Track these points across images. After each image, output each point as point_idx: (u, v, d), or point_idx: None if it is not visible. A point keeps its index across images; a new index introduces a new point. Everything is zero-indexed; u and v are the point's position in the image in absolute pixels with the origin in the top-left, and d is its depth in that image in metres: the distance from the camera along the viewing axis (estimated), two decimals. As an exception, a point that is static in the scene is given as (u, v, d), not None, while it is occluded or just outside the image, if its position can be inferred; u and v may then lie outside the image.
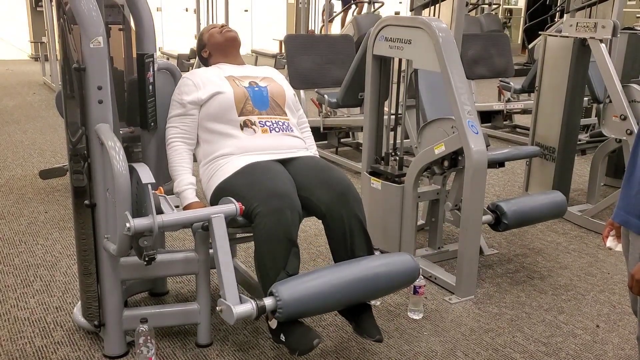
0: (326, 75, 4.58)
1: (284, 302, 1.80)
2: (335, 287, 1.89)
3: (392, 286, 2.05)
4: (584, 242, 3.27)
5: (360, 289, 1.94)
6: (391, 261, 2.04)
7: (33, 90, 7.70)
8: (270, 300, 1.82)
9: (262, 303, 1.81)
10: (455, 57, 2.51)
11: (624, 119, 3.16)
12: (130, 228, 1.76)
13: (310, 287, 1.86)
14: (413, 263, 2.06)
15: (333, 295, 1.88)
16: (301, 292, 1.84)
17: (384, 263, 2.02)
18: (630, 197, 1.47)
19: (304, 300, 1.84)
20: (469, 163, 2.45)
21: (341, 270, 1.95)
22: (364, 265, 1.99)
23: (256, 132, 2.21)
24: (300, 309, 1.84)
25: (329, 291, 1.87)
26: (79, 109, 1.88)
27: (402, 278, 2.04)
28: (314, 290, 1.86)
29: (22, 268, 2.75)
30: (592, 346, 2.26)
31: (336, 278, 1.91)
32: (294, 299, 1.81)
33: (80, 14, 1.79)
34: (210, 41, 2.42)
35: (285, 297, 1.80)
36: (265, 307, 1.81)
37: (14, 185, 3.91)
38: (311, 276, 1.91)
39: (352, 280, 1.92)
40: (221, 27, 2.45)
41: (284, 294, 1.81)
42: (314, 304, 1.86)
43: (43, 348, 2.13)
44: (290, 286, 1.84)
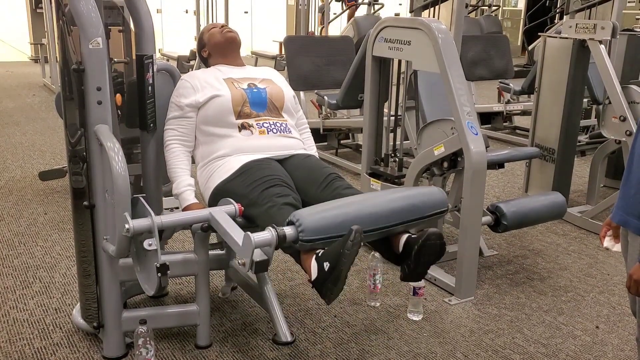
0: (326, 76, 4.59)
1: (304, 224, 1.68)
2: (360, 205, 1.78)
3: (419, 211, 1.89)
4: (584, 244, 3.26)
5: (385, 210, 1.81)
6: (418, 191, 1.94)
7: (33, 92, 7.70)
8: (290, 228, 1.70)
9: (282, 230, 1.69)
10: (455, 58, 2.51)
11: (624, 120, 3.17)
12: (130, 229, 1.76)
13: (331, 206, 1.76)
14: (440, 195, 1.95)
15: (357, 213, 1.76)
16: (322, 212, 1.73)
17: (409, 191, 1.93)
18: (628, 197, 1.47)
19: (326, 220, 1.71)
20: (468, 164, 2.45)
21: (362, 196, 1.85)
22: (388, 191, 1.91)
23: (253, 134, 2.21)
24: (323, 231, 1.70)
25: (352, 209, 1.76)
26: (78, 110, 1.88)
27: (430, 206, 1.91)
28: (337, 213, 1.74)
29: (22, 269, 2.74)
30: (591, 347, 2.26)
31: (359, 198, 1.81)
32: (314, 219, 1.70)
33: (80, 15, 1.79)
34: (210, 41, 2.42)
35: (306, 219, 1.69)
36: (285, 234, 1.69)
37: (14, 187, 3.91)
38: (331, 204, 1.81)
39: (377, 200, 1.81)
40: (221, 27, 2.44)
41: (304, 217, 1.70)
42: (338, 221, 1.72)
43: (42, 350, 2.13)
44: (311, 212, 1.74)
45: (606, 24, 3.22)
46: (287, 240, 1.69)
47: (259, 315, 2.39)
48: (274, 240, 1.68)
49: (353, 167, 4.45)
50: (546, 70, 3.56)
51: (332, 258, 1.66)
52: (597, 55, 3.24)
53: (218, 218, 1.88)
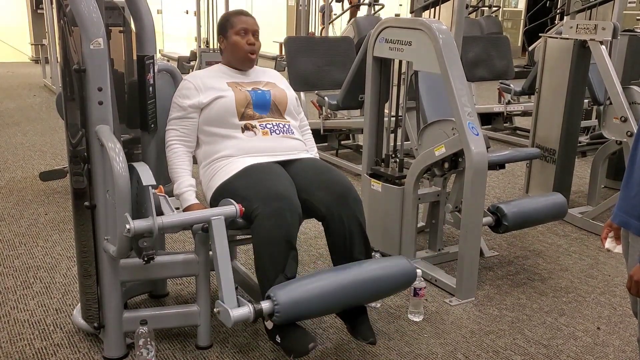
0: (326, 77, 4.59)
1: (281, 305, 1.81)
2: (332, 291, 1.90)
3: (388, 289, 2.08)
4: (585, 244, 3.26)
5: (356, 293, 1.95)
6: (388, 265, 2.06)
7: (33, 92, 7.70)
8: (267, 304, 1.83)
9: (259, 306, 1.82)
10: (456, 58, 2.51)
11: (625, 121, 3.16)
12: (130, 229, 1.76)
13: (307, 291, 1.87)
14: (410, 266, 2.07)
15: (329, 299, 1.90)
16: (298, 296, 1.85)
17: (380, 267, 2.04)
18: (629, 199, 1.46)
19: (301, 304, 1.85)
20: (469, 165, 2.45)
21: (338, 275, 1.96)
22: (361, 269, 2.01)
23: (257, 135, 2.21)
24: (297, 313, 1.85)
25: (325, 295, 1.89)
26: (79, 111, 1.88)
27: (399, 281, 2.06)
28: (311, 294, 1.87)
29: (22, 270, 2.74)
30: (593, 348, 2.26)
31: (333, 282, 1.92)
32: (290, 302, 1.82)
33: (81, 15, 1.79)
34: (232, 43, 2.30)
35: (282, 300, 1.81)
36: (262, 310, 1.82)
37: (14, 187, 3.91)
38: (308, 280, 1.92)
39: (348, 284, 1.93)
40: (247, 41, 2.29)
41: (281, 297, 1.82)
42: (311, 308, 1.88)
43: (43, 350, 2.12)
44: (288, 290, 1.85)
45: (607, 25, 3.22)
46: (263, 315, 1.83)
47: (260, 316, 2.39)
48: (252, 317, 1.82)
49: (353, 168, 4.45)
50: (547, 71, 3.56)
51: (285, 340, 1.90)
52: (597, 56, 3.24)
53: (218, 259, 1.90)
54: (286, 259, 1.97)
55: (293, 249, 1.99)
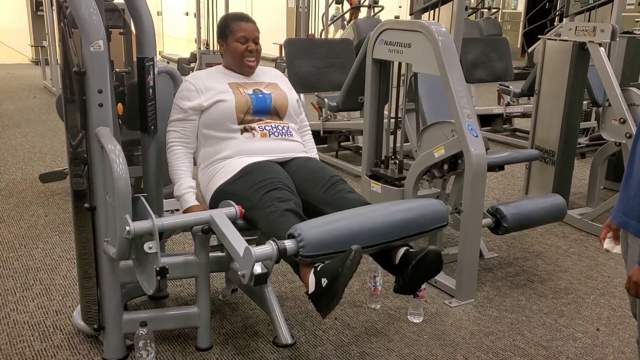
0: (326, 79, 4.59)
1: (305, 238, 1.69)
2: (360, 219, 1.78)
3: (419, 225, 1.90)
4: (584, 246, 3.26)
5: (387, 222, 1.82)
6: (418, 203, 1.95)
7: (33, 94, 7.71)
8: (290, 242, 1.71)
9: (282, 244, 1.70)
10: (455, 60, 2.51)
11: (623, 123, 3.17)
12: (130, 231, 1.76)
13: (332, 219, 1.77)
14: (441, 206, 1.96)
15: (358, 227, 1.77)
16: (322, 226, 1.74)
17: (410, 204, 1.94)
18: (628, 200, 1.47)
19: (327, 232, 1.72)
20: (468, 166, 2.45)
21: (365, 210, 1.86)
22: (391, 205, 1.91)
23: (255, 136, 2.22)
24: (323, 246, 1.72)
25: (353, 223, 1.77)
26: (79, 113, 1.89)
27: (430, 219, 1.93)
28: (337, 221, 1.76)
29: (22, 271, 2.75)
30: (592, 350, 2.26)
31: (360, 212, 1.82)
32: (315, 233, 1.71)
33: (81, 17, 1.80)
34: (232, 49, 2.28)
35: (306, 233, 1.70)
36: (286, 248, 1.70)
37: (14, 189, 3.91)
38: (332, 217, 1.82)
39: (378, 214, 1.82)
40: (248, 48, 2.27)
41: (304, 231, 1.71)
42: (338, 236, 1.73)
43: (42, 352, 2.13)
44: (311, 225, 1.75)
45: (606, 27, 3.22)
46: (287, 254, 1.71)
47: (260, 318, 2.39)
48: (275, 254, 1.69)
49: (353, 169, 4.45)
50: (546, 72, 3.56)
51: (330, 274, 1.67)
52: (596, 58, 3.25)
53: (220, 225, 1.88)
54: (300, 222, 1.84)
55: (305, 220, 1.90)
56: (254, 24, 2.33)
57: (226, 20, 2.34)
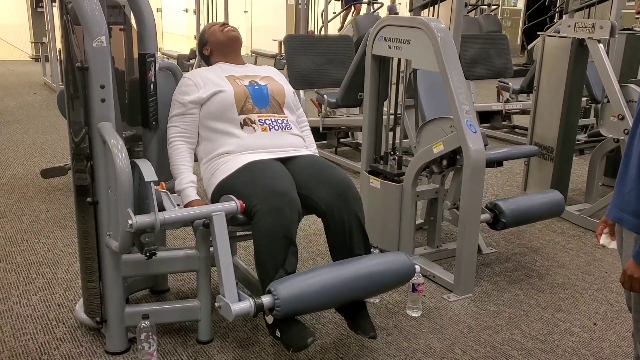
0: (325, 75, 4.60)
1: (281, 300, 1.83)
2: (332, 286, 1.92)
3: (387, 285, 2.09)
4: (582, 241, 3.29)
5: (356, 288, 1.97)
6: (387, 260, 2.08)
7: (34, 90, 7.72)
8: (268, 298, 1.85)
9: (260, 301, 1.84)
10: (454, 57, 2.53)
11: (622, 119, 3.19)
12: (133, 225, 1.78)
13: (308, 286, 1.89)
14: (408, 262, 2.10)
15: (329, 294, 1.92)
16: (298, 291, 1.87)
17: (380, 262, 2.06)
18: (624, 195, 1.49)
19: (301, 298, 1.87)
20: (467, 162, 2.47)
21: (337, 270, 1.98)
22: (361, 264, 2.03)
23: (256, 131, 2.24)
24: (297, 307, 1.87)
25: (325, 290, 1.91)
26: (82, 108, 1.90)
27: (398, 277, 2.08)
28: (311, 289, 1.89)
29: (25, 266, 2.77)
30: (589, 343, 2.28)
31: (333, 277, 1.94)
32: (291, 297, 1.85)
33: (83, 13, 1.82)
34: (212, 39, 2.44)
35: (283, 295, 1.84)
36: (263, 305, 1.84)
37: (16, 184, 3.93)
38: (308, 275, 1.94)
39: (348, 279, 1.96)
40: (222, 25, 2.47)
41: (281, 292, 1.84)
42: (311, 303, 1.90)
43: (45, 344, 2.15)
44: (288, 285, 1.87)
45: (605, 23, 3.24)
46: (263, 309, 1.85)
47: (260, 311, 2.41)
48: (252, 311, 1.84)
49: (352, 166, 4.47)
50: (545, 69, 3.58)
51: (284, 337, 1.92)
52: (595, 55, 3.27)
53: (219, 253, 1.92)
54: (286, 254, 1.99)
55: (293, 245, 2.01)
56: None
57: (202, 32, 2.53)
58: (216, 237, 1.91)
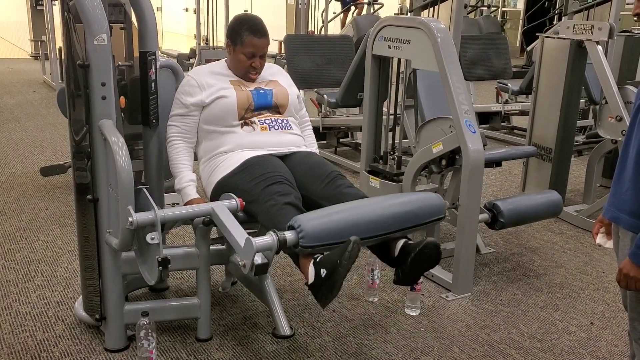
0: (325, 75, 4.61)
1: (305, 230, 1.73)
2: (359, 212, 1.81)
3: (417, 217, 1.93)
4: (580, 242, 3.30)
5: (385, 215, 1.85)
6: (417, 197, 1.98)
7: (33, 88, 7.71)
8: (290, 233, 1.75)
9: (282, 235, 1.73)
10: (454, 57, 2.54)
11: (620, 120, 3.20)
12: (133, 222, 1.79)
13: (332, 212, 1.80)
14: (438, 198, 1.99)
15: (357, 220, 1.80)
16: (322, 218, 1.77)
17: (409, 197, 1.97)
18: (620, 194, 1.50)
19: (326, 224, 1.75)
20: (466, 162, 2.48)
21: (363, 201, 1.89)
22: (388, 196, 1.94)
23: (255, 130, 2.24)
24: (323, 237, 1.75)
25: (352, 216, 1.81)
26: (84, 106, 1.91)
27: (428, 212, 1.95)
28: (336, 213, 1.80)
29: (24, 263, 2.77)
30: (586, 343, 2.29)
31: (359, 204, 1.85)
32: (315, 224, 1.75)
33: (85, 11, 1.82)
34: (237, 59, 2.28)
35: (306, 225, 1.74)
36: (286, 239, 1.73)
37: (15, 182, 3.93)
38: (331, 209, 1.85)
39: (377, 207, 1.85)
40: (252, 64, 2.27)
41: (304, 222, 1.74)
42: (338, 228, 1.77)
43: (44, 341, 2.16)
44: (311, 217, 1.79)
45: (603, 25, 3.25)
46: (287, 244, 1.74)
47: (259, 310, 2.42)
48: (275, 245, 1.73)
49: (352, 165, 4.48)
50: (544, 70, 3.59)
51: (329, 266, 1.71)
52: (594, 56, 3.28)
53: (221, 216, 1.90)
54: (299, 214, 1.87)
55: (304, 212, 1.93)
56: (266, 39, 2.27)
57: (240, 26, 2.26)
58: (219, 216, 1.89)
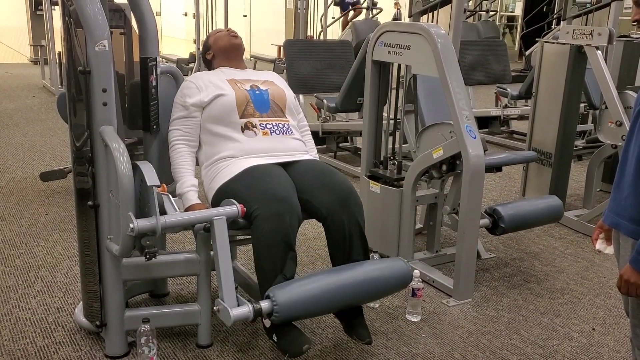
0: (325, 80, 4.61)
1: (280, 305, 1.85)
2: (330, 292, 1.94)
3: (385, 290, 2.11)
4: (580, 247, 3.30)
5: (353, 293, 1.99)
6: (385, 266, 2.09)
7: (32, 93, 7.71)
8: (266, 304, 1.86)
9: (258, 306, 1.86)
10: (454, 62, 2.54)
11: (620, 125, 3.20)
12: (134, 229, 1.79)
13: (306, 292, 1.91)
14: (406, 268, 2.11)
15: (327, 300, 1.94)
16: (296, 296, 1.89)
17: (377, 268, 2.08)
18: (620, 200, 1.49)
19: (299, 304, 1.89)
20: (466, 167, 2.48)
21: (335, 276, 2.00)
22: (358, 270, 2.05)
23: (257, 135, 2.25)
24: (295, 313, 1.89)
25: (323, 295, 1.93)
26: (85, 112, 1.91)
27: (395, 283, 2.10)
28: (309, 294, 1.91)
29: (23, 269, 2.76)
30: (588, 349, 2.29)
31: (330, 283, 1.96)
32: (289, 302, 1.86)
33: (86, 17, 1.82)
34: (216, 44, 2.45)
35: (281, 300, 1.85)
36: (261, 310, 1.86)
37: (15, 187, 3.93)
38: (306, 281, 1.96)
39: (346, 285, 1.97)
40: (227, 31, 2.50)
41: (280, 297, 1.86)
42: (309, 308, 1.93)
43: (44, 348, 2.15)
44: (286, 290, 1.89)
45: (603, 30, 3.26)
46: (262, 314, 1.87)
47: (259, 316, 2.42)
48: (251, 316, 1.86)
49: (352, 170, 4.48)
50: (543, 75, 3.60)
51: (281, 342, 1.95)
52: (593, 61, 3.29)
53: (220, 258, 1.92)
54: (285, 260, 2.00)
55: (292, 250, 2.02)
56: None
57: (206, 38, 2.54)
58: (216, 242, 1.91)
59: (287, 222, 1.99)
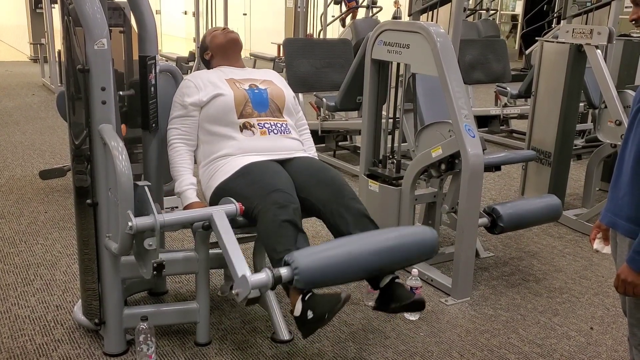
0: (324, 78, 4.62)
1: (300, 269, 1.73)
2: (353, 254, 1.82)
3: (410, 256, 1.98)
4: (579, 246, 3.30)
5: (378, 257, 1.87)
6: (410, 231, 2.01)
7: (32, 91, 7.71)
8: (285, 269, 1.75)
9: (277, 272, 1.74)
10: (453, 61, 2.54)
11: (619, 125, 3.20)
12: (133, 227, 1.79)
13: (327, 252, 1.80)
14: (432, 234, 2.01)
15: (350, 263, 1.81)
16: (317, 258, 1.77)
17: (402, 233, 1.99)
18: (617, 199, 1.50)
19: (321, 266, 1.76)
20: (465, 166, 2.48)
21: (358, 239, 1.90)
22: (382, 234, 1.96)
23: (255, 134, 2.25)
24: (317, 276, 1.76)
25: (346, 258, 1.81)
26: (84, 110, 1.91)
27: (421, 249, 1.99)
28: (331, 255, 1.80)
29: (23, 267, 2.77)
30: (586, 348, 2.29)
31: (353, 245, 1.86)
32: (310, 264, 1.75)
33: (85, 16, 1.82)
34: (213, 43, 2.46)
35: (302, 264, 1.73)
36: (281, 276, 1.74)
37: (14, 186, 3.93)
38: (327, 245, 1.86)
39: (370, 249, 1.86)
40: (223, 29, 2.49)
41: (300, 261, 1.74)
42: (332, 270, 1.79)
43: (43, 346, 2.15)
44: (306, 253, 1.79)
45: (602, 29, 3.26)
46: (282, 281, 1.76)
47: (258, 314, 2.42)
48: (270, 282, 1.74)
49: (351, 169, 4.48)
50: (543, 74, 3.60)
51: (317, 311, 1.78)
52: (593, 60, 3.29)
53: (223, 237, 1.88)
54: (296, 237, 1.93)
55: (302, 232, 1.97)
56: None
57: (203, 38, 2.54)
58: (219, 230, 1.89)
59: (291, 208, 1.98)
